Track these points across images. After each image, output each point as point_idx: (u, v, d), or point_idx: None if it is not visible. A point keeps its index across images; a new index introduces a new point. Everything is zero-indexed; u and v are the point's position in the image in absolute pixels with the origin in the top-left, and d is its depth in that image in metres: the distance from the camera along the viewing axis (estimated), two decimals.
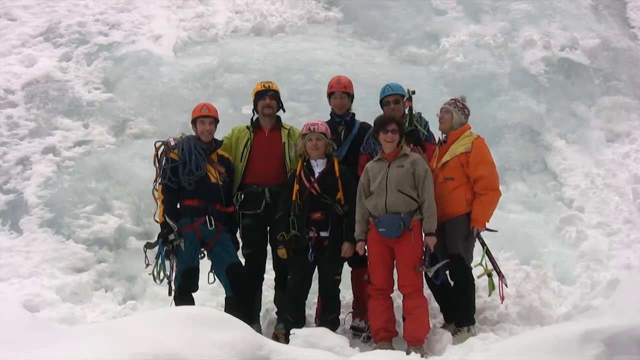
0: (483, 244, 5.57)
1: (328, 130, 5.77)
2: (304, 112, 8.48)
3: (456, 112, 5.76)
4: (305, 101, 8.91)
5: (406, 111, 5.94)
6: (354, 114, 6.26)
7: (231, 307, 5.56)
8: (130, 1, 11.23)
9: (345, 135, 6.13)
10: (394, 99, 5.96)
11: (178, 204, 5.79)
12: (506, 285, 5.64)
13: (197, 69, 9.80)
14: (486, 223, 5.60)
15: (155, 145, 5.76)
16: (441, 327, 5.65)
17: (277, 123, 6.16)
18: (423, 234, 5.38)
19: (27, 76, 9.58)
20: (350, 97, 6.22)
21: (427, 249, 5.29)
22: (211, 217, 5.65)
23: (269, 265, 6.15)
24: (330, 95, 6.22)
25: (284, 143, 6.04)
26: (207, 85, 9.59)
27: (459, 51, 10.10)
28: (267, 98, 6.05)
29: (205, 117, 5.87)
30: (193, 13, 11.06)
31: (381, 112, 6.08)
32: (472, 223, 5.51)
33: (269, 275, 6.21)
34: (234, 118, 7.75)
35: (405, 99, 5.95)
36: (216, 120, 5.96)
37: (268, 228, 5.99)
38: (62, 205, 7.83)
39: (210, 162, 5.80)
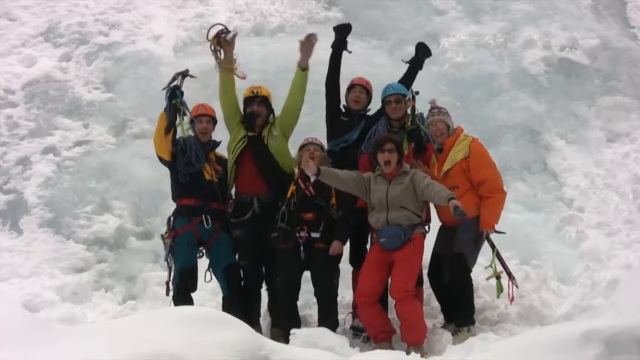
0: (493, 246, 5.56)
1: (325, 149, 5.83)
2: (304, 112, 8.32)
3: (447, 119, 5.76)
4: (306, 101, 8.80)
5: (409, 111, 5.94)
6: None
7: (229, 307, 5.56)
8: (130, 1, 11.20)
9: (357, 122, 6.12)
10: (395, 99, 5.95)
11: (175, 204, 5.85)
12: (517, 287, 5.63)
13: (197, 69, 9.58)
14: (495, 225, 5.59)
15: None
16: (441, 327, 5.65)
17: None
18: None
19: (27, 76, 9.57)
20: (369, 96, 6.22)
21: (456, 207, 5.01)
22: (207, 216, 5.65)
23: None
24: (349, 89, 6.22)
25: (264, 137, 5.92)
26: (207, 85, 9.49)
27: (459, 51, 10.08)
28: (255, 105, 5.98)
29: (202, 115, 5.88)
30: (193, 13, 11.03)
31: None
32: (482, 226, 5.49)
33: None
34: None
35: (407, 98, 5.95)
36: (214, 120, 5.95)
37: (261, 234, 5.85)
38: (62, 205, 7.84)
39: (207, 161, 5.82)
